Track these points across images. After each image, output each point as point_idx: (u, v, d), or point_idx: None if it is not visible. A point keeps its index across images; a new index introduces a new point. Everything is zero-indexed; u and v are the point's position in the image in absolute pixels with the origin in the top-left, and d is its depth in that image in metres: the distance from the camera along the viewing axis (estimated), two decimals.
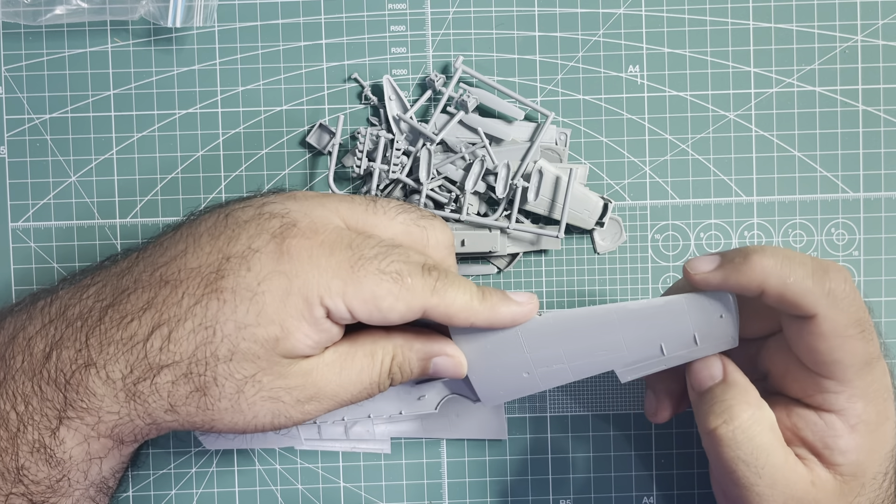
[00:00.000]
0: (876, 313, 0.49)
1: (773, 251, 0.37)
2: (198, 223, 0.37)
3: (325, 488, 0.49)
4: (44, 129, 0.48)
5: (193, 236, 0.36)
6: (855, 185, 0.49)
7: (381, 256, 0.36)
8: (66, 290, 0.37)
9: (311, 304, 0.35)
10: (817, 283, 0.37)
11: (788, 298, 0.37)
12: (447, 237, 0.39)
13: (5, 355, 0.36)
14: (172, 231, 0.38)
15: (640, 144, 0.48)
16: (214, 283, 0.35)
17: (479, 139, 0.47)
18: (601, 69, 0.48)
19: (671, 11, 0.48)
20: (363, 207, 0.38)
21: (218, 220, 0.37)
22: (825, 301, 0.37)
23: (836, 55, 0.48)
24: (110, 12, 0.47)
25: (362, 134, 0.47)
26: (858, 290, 0.38)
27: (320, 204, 0.37)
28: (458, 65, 0.47)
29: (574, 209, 0.47)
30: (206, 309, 0.34)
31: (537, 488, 0.49)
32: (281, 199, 0.37)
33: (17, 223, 0.48)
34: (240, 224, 0.36)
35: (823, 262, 0.38)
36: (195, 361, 0.35)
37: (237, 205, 0.38)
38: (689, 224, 0.49)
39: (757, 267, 0.37)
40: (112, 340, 0.35)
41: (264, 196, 0.38)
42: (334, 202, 0.38)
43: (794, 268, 0.37)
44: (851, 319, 0.37)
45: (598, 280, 0.48)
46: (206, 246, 0.36)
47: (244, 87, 0.48)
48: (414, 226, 0.38)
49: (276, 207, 0.37)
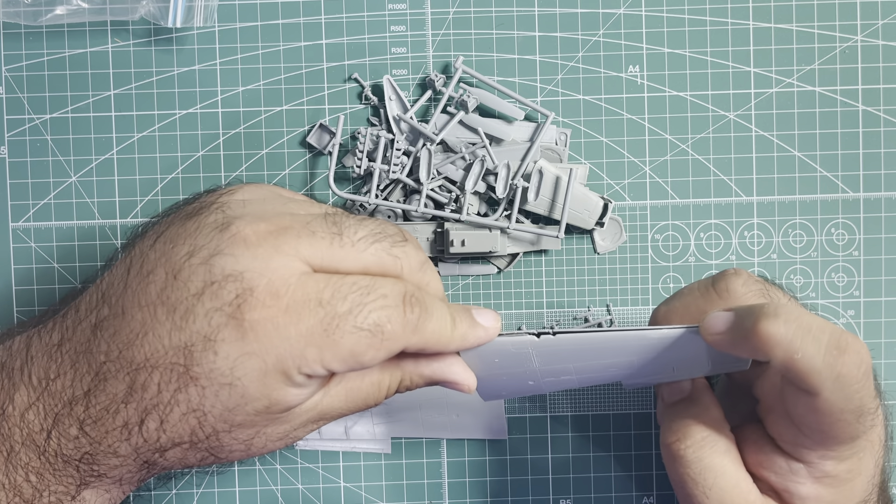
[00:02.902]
0: (876, 306, 0.49)
1: (786, 317, 0.34)
2: (146, 277, 0.33)
3: (325, 488, 0.49)
4: (44, 130, 0.48)
5: (148, 305, 0.33)
6: (855, 185, 0.49)
7: (357, 309, 0.33)
8: (37, 348, 0.35)
9: (290, 375, 0.33)
10: (828, 365, 0.34)
11: (793, 372, 0.34)
12: (420, 257, 0.36)
13: (1, 428, 0.35)
14: (123, 274, 0.34)
15: (640, 144, 0.48)
16: (188, 372, 0.32)
17: (479, 139, 0.47)
18: (601, 69, 0.48)
19: (671, 11, 0.48)
20: (327, 242, 0.34)
21: (167, 282, 0.33)
22: (831, 385, 0.34)
23: (835, 55, 0.48)
24: (111, 12, 0.47)
25: (362, 134, 0.47)
26: (872, 373, 0.35)
27: (275, 248, 0.33)
28: (459, 65, 0.47)
29: (574, 209, 0.47)
30: (189, 396, 0.33)
31: (537, 488, 0.49)
32: (229, 243, 0.33)
33: (18, 223, 0.48)
34: (193, 293, 0.32)
35: (842, 338, 0.34)
36: (196, 439, 0.34)
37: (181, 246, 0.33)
38: (689, 224, 0.49)
39: (764, 336, 0.34)
40: (108, 429, 0.34)
41: (207, 211, 0.34)
42: (292, 241, 0.33)
43: (807, 342, 0.34)
44: (852, 406, 0.35)
45: (598, 280, 0.49)
46: (164, 322, 0.33)
47: (244, 88, 0.48)
48: (386, 256, 0.35)
49: (227, 263, 0.32)
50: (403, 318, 0.34)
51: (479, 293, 0.49)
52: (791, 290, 0.48)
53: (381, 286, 0.34)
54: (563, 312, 0.49)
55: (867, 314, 0.49)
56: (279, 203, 0.36)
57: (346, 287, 0.33)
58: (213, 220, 0.34)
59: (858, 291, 0.49)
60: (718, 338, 0.36)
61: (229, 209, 0.34)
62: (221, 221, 0.34)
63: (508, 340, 0.37)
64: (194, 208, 0.35)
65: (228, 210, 0.34)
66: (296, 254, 0.33)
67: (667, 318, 0.40)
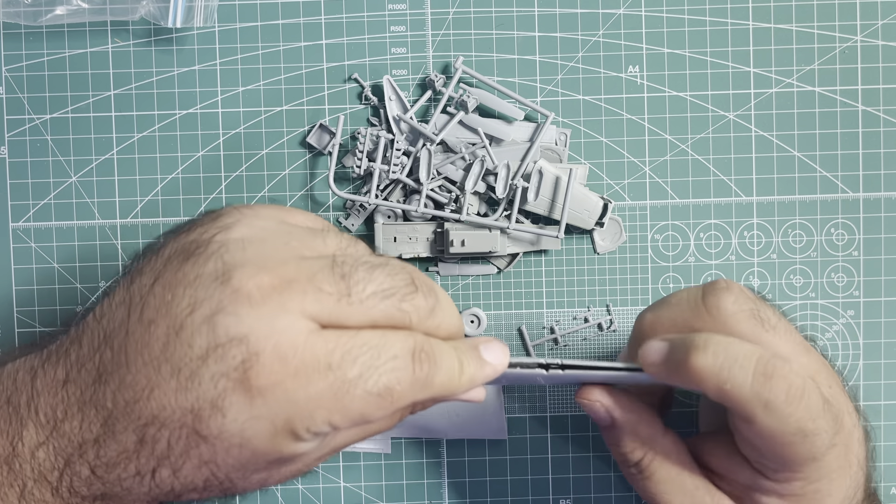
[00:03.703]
0: (876, 306, 0.49)
1: (715, 349, 0.35)
2: (147, 328, 0.32)
3: (325, 488, 0.49)
4: (44, 130, 0.48)
5: (151, 360, 0.32)
6: (854, 185, 0.49)
7: (368, 373, 0.32)
8: (42, 383, 0.34)
9: (299, 433, 0.32)
10: (755, 393, 0.35)
11: (727, 402, 0.35)
12: (429, 303, 0.34)
13: (11, 461, 0.34)
14: (124, 318, 0.33)
15: (640, 145, 0.48)
16: (197, 431, 0.32)
17: (479, 139, 0.47)
18: (601, 69, 0.48)
19: (671, 12, 0.48)
20: (334, 299, 0.32)
21: (170, 338, 0.32)
22: (762, 411, 0.35)
23: (835, 55, 0.48)
24: (111, 12, 0.47)
25: (362, 134, 0.47)
26: (810, 394, 0.35)
27: (280, 306, 0.31)
28: (458, 65, 0.47)
29: (574, 209, 0.47)
30: (200, 451, 0.32)
31: (537, 488, 0.49)
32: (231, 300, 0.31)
33: (18, 223, 0.48)
34: (197, 355, 0.31)
35: (769, 364, 0.35)
36: (210, 484, 0.33)
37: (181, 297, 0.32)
38: (689, 224, 0.49)
39: (693, 369, 0.35)
40: (121, 476, 0.33)
41: (205, 254, 0.33)
42: (297, 298, 0.31)
43: (734, 371, 0.35)
44: (791, 429, 0.35)
45: (597, 280, 0.49)
46: (169, 381, 0.32)
47: (244, 88, 0.48)
48: (396, 311, 0.33)
49: (231, 324, 0.31)
50: (413, 376, 0.33)
51: (479, 293, 0.49)
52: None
53: (391, 345, 0.33)
54: (563, 312, 0.49)
55: (867, 314, 0.49)
56: (281, 241, 0.34)
57: (356, 349, 0.32)
58: (211, 269, 0.32)
59: (858, 291, 0.49)
60: (654, 369, 0.37)
61: (228, 254, 0.33)
62: (222, 271, 0.32)
63: (517, 372, 0.38)
64: (191, 245, 0.34)
65: (227, 255, 0.33)
66: (301, 311, 0.32)
67: (652, 328, 0.39)
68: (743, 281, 0.49)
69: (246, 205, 0.36)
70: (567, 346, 0.49)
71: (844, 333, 0.49)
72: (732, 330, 0.37)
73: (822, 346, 0.49)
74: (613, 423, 0.40)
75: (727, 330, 0.37)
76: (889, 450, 0.49)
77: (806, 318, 0.49)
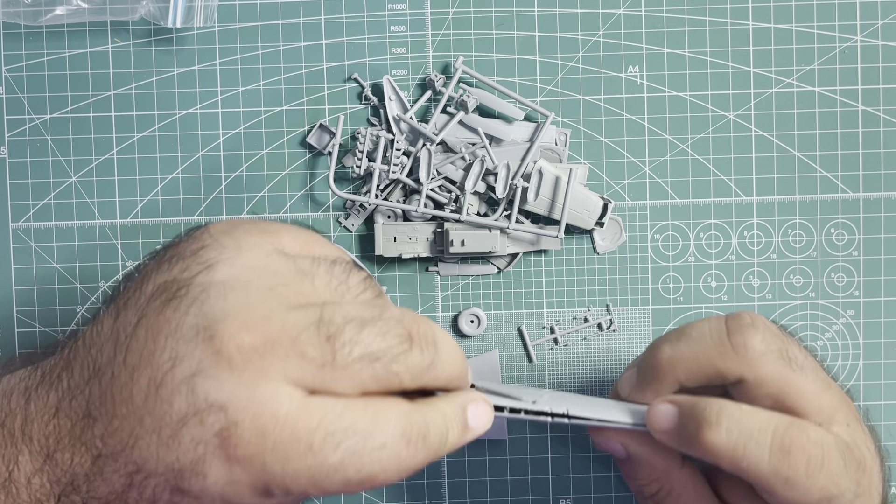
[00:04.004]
0: (876, 306, 0.49)
1: (727, 425, 0.34)
2: (131, 375, 0.31)
3: None
4: (44, 130, 0.48)
5: (135, 411, 0.31)
6: (854, 185, 0.49)
7: (351, 460, 0.30)
8: (36, 408, 0.34)
9: (276, 495, 0.31)
10: (774, 469, 0.34)
11: (744, 476, 0.35)
12: (426, 359, 0.32)
13: (8, 486, 0.34)
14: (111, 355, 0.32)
15: (640, 145, 0.48)
16: (180, 488, 0.31)
17: (479, 139, 0.47)
18: (601, 69, 0.48)
19: (671, 12, 0.48)
20: (318, 364, 0.30)
21: (150, 391, 0.31)
22: (782, 486, 0.34)
23: (835, 55, 0.48)
24: (111, 12, 0.47)
25: (362, 134, 0.47)
26: (830, 460, 0.35)
27: (261, 373, 0.30)
28: (458, 65, 0.47)
29: (574, 209, 0.47)
30: (187, 501, 0.32)
31: (537, 488, 0.49)
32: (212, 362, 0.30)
33: (18, 223, 0.48)
34: (176, 417, 0.30)
35: (786, 435, 0.34)
36: None
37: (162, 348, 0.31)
38: (689, 224, 0.49)
39: (707, 446, 0.34)
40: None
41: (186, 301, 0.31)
42: (279, 364, 0.30)
43: (750, 448, 0.34)
44: (814, 498, 0.34)
45: (597, 280, 0.49)
46: (152, 434, 0.31)
47: (244, 88, 0.48)
48: (385, 374, 0.31)
49: (211, 390, 0.30)
50: (399, 463, 0.31)
51: (478, 293, 0.49)
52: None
53: (380, 431, 0.31)
54: (563, 312, 0.49)
55: (867, 314, 0.49)
56: (265, 286, 0.32)
57: (340, 433, 0.30)
58: (192, 322, 0.31)
59: (858, 291, 0.49)
60: (664, 437, 0.36)
61: (208, 303, 0.31)
62: (203, 326, 0.31)
63: (522, 417, 0.37)
64: (173, 285, 0.32)
65: (207, 306, 0.31)
66: (283, 377, 0.30)
67: (671, 364, 0.38)
68: (743, 281, 0.49)
69: (228, 228, 0.34)
70: (567, 345, 0.49)
71: (844, 333, 0.49)
72: (760, 371, 0.36)
73: (822, 346, 0.49)
74: (629, 456, 0.39)
75: (754, 370, 0.36)
76: (889, 450, 0.49)
77: (806, 318, 0.49)
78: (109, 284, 0.48)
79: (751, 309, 0.49)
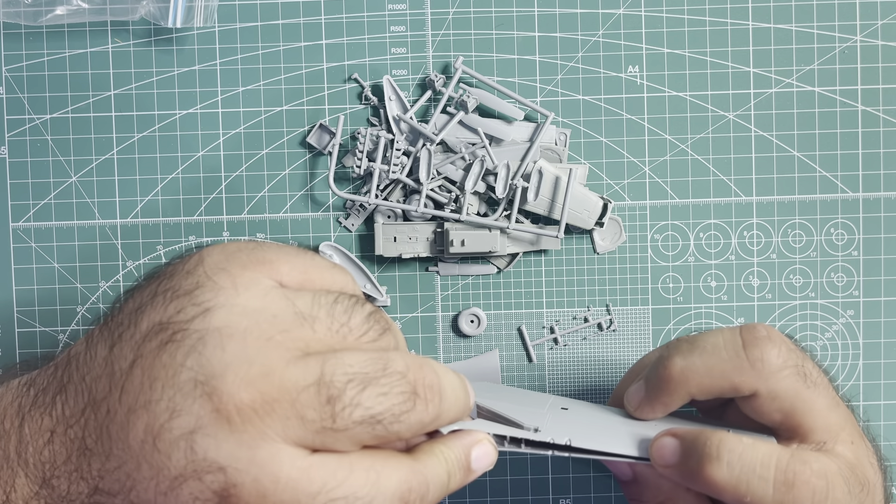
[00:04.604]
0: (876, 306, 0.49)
1: (729, 459, 0.34)
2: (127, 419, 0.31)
3: None
4: (44, 130, 0.48)
5: (132, 457, 0.31)
6: (854, 185, 0.49)
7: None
8: (31, 429, 0.33)
9: None
10: None
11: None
12: (430, 414, 0.32)
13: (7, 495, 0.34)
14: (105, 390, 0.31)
15: (640, 144, 0.48)
16: None
17: (478, 139, 0.47)
18: (601, 69, 0.48)
19: (670, 12, 0.48)
20: (318, 426, 0.30)
21: (147, 441, 0.30)
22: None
23: (835, 55, 0.48)
24: (111, 13, 0.47)
25: (362, 134, 0.47)
26: (835, 490, 0.34)
27: (261, 435, 0.29)
28: (458, 65, 0.47)
29: (574, 209, 0.47)
30: None
31: (537, 488, 0.49)
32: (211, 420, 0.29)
33: (18, 223, 0.48)
34: (174, 474, 0.30)
35: (789, 469, 0.34)
36: None
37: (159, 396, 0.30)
38: (689, 224, 0.49)
39: (710, 482, 0.34)
40: None
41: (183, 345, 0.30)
42: (279, 425, 0.30)
43: (753, 483, 0.34)
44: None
45: (597, 280, 0.49)
46: (149, 483, 0.30)
47: (244, 88, 0.48)
48: (385, 434, 0.31)
49: (210, 449, 0.30)
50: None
51: (478, 293, 0.49)
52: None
53: (381, 497, 0.31)
54: (563, 312, 0.49)
55: (866, 314, 0.49)
56: (263, 336, 0.31)
57: (342, 501, 0.30)
58: (189, 376, 0.30)
59: (858, 291, 0.49)
60: (668, 471, 0.36)
61: (205, 355, 0.30)
62: (200, 381, 0.30)
63: (524, 451, 0.36)
64: (168, 328, 0.31)
65: (205, 358, 0.30)
66: (283, 438, 0.30)
67: (684, 377, 0.37)
68: (743, 281, 0.49)
69: (224, 261, 0.33)
70: (567, 345, 0.49)
71: (844, 333, 0.49)
72: (775, 386, 0.36)
73: (822, 346, 0.49)
74: (635, 478, 0.39)
75: (769, 385, 0.36)
76: (889, 450, 0.49)
77: (806, 317, 0.49)
78: (109, 284, 0.48)
79: (751, 309, 0.49)
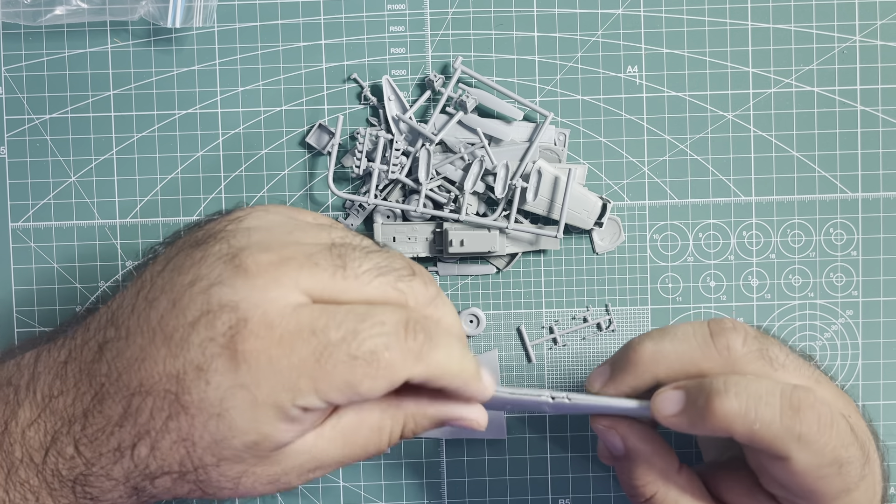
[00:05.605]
0: (875, 306, 0.49)
1: (736, 389, 0.35)
2: (151, 303, 0.33)
3: (324, 488, 0.49)
4: (44, 130, 0.48)
5: (148, 330, 0.33)
6: (853, 185, 0.49)
7: (351, 337, 0.31)
8: (44, 364, 0.35)
9: (283, 408, 0.32)
10: (787, 428, 0.35)
11: (757, 442, 0.35)
12: (429, 292, 0.35)
13: (3, 443, 0.35)
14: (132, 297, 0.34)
15: (639, 145, 0.48)
16: (178, 399, 0.32)
17: (478, 139, 0.47)
18: (600, 69, 0.48)
19: (670, 12, 0.48)
20: (329, 273, 0.33)
21: (167, 309, 0.33)
22: (796, 446, 0.35)
23: (834, 55, 0.48)
24: (110, 13, 0.47)
25: (361, 134, 0.47)
26: (839, 421, 0.36)
27: (275, 280, 0.32)
28: (458, 65, 0.47)
29: (573, 209, 0.47)
30: (179, 424, 0.32)
31: (537, 488, 0.49)
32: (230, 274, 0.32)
33: (17, 223, 0.48)
34: (189, 321, 0.32)
35: (794, 395, 0.35)
36: (185, 469, 0.33)
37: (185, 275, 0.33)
38: (688, 224, 0.49)
39: (719, 414, 0.35)
40: (102, 451, 0.34)
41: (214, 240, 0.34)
42: (293, 272, 0.32)
43: (761, 410, 0.35)
44: (827, 460, 0.35)
45: (596, 280, 0.49)
46: (160, 348, 0.32)
47: (244, 88, 0.48)
48: (391, 289, 0.33)
49: (225, 293, 0.32)
50: (404, 345, 0.32)
51: (478, 293, 0.49)
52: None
53: (378, 313, 0.32)
54: (562, 312, 0.49)
55: (866, 314, 0.49)
56: (285, 231, 0.35)
57: (341, 315, 0.32)
58: (217, 249, 0.33)
59: (857, 291, 0.49)
60: (673, 420, 0.37)
61: (234, 239, 0.34)
62: (226, 252, 0.33)
63: (523, 399, 0.37)
64: (202, 236, 0.35)
65: (234, 240, 0.34)
66: (295, 285, 0.32)
67: (654, 360, 0.38)
68: (742, 281, 0.49)
69: (259, 205, 0.37)
70: (566, 345, 0.49)
71: (843, 333, 0.49)
72: (742, 370, 0.37)
73: (821, 346, 0.49)
74: (627, 454, 0.39)
75: (737, 370, 0.37)
76: (889, 450, 0.49)
77: (805, 317, 0.49)
78: (109, 284, 0.49)
79: (750, 309, 0.49)
